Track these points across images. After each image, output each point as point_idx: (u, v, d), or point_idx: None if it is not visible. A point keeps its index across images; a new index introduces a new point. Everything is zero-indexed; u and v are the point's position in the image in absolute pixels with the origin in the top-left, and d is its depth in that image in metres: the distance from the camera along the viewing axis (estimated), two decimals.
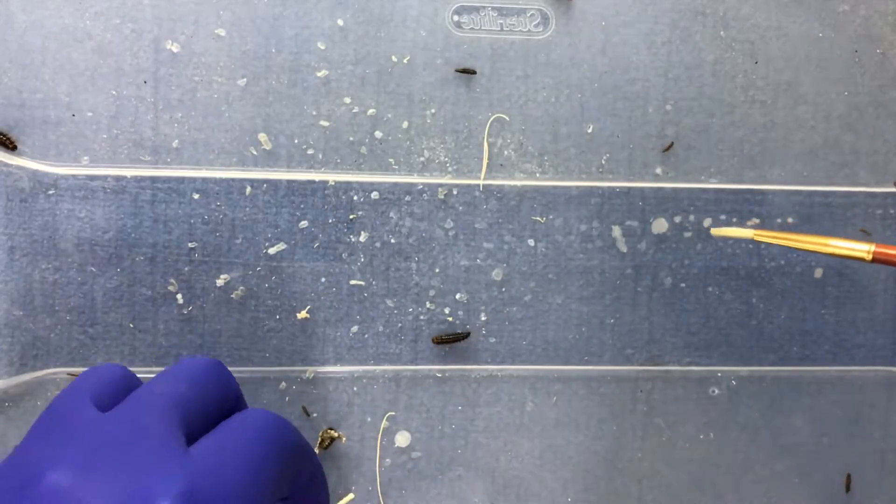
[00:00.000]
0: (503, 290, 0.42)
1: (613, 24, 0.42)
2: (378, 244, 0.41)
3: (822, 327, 0.44)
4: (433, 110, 0.41)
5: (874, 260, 0.30)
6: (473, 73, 0.39)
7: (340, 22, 0.40)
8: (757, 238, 0.32)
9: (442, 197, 0.42)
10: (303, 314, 0.41)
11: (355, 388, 0.42)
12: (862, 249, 0.30)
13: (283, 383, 0.41)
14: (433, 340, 0.41)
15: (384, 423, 0.42)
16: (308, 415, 0.42)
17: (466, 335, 0.41)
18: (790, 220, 0.43)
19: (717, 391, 0.44)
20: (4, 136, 0.38)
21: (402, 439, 0.42)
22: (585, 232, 0.42)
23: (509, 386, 0.43)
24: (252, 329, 0.41)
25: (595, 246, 0.43)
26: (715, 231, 0.35)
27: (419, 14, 0.41)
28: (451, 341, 0.41)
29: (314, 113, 0.41)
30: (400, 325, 0.42)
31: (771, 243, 0.31)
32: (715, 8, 0.42)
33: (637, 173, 0.42)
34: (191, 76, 0.40)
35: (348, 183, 0.41)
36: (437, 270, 0.42)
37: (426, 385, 0.42)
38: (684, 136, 0.42)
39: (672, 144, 0.39)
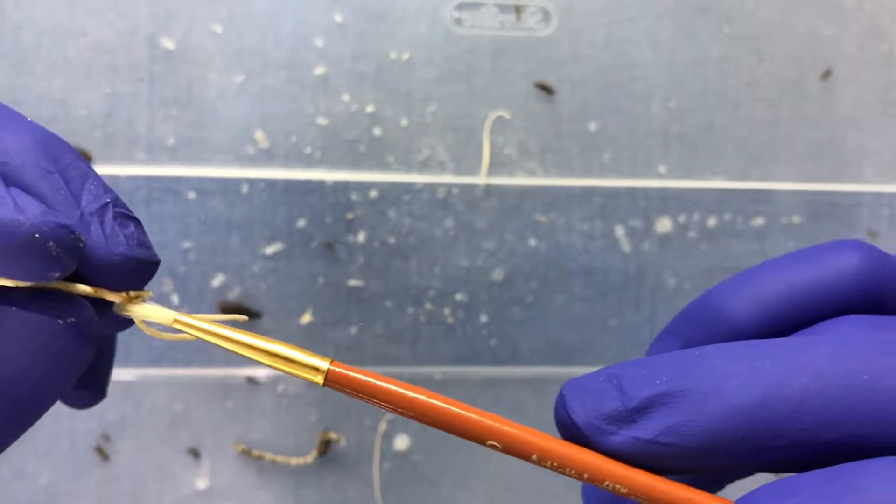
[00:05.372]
0: (504, 290, 0.42)
1: (616, 20, 0.41)
2: (377, 244, 0.41)
3: None
4: (433, 108, 0.41)
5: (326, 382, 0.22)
6: (552, 91, 0.39)
7: (338, 18, 0.40)
8: (176, 325, 0.23)
9: (442, 196, 0.41)
10: (307, 317, 0.41)
11: None
12: (320, 367, 0.22)
13: (282, 386, 0.41)
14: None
15: (383, 426, 0.42)
16: (254, 382, 0.41)
17: (250, 315, 0.40)
18: (795, 219, 0.42)
19: None
20: None
21: (402, 442, 0.42)
22: (588, 231, 0.42)
23: (510, 388, 0.42)
24: (248, 331, 0.41)
25: (597, 245, 0.42)
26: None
27: (419, 10, 0.40)
28: (232, 311, 0.39)
29: (312, 110, 0.40)
30: (399, 326, 0.41)
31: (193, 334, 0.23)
32: (719, 4, 0.42)
33: (640, 172, 0.42)
34: (186, 73, 0.39)
35: (346, 182, 0.40)
36: (436, 271, 0.41)
37: (425, 387, 0.42)
38: (688, 133, 0.42)
39: (830, 72, 0.36)
